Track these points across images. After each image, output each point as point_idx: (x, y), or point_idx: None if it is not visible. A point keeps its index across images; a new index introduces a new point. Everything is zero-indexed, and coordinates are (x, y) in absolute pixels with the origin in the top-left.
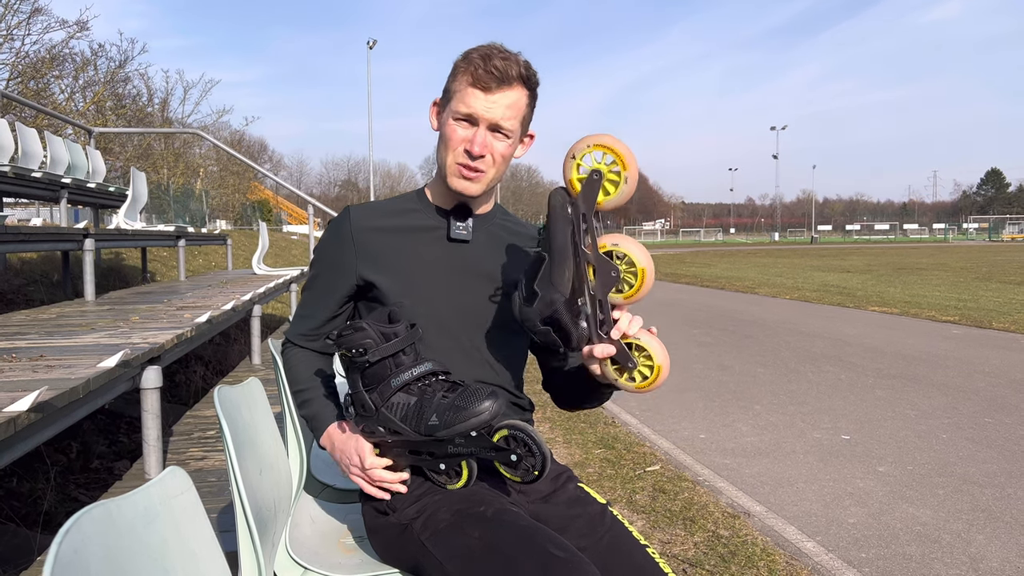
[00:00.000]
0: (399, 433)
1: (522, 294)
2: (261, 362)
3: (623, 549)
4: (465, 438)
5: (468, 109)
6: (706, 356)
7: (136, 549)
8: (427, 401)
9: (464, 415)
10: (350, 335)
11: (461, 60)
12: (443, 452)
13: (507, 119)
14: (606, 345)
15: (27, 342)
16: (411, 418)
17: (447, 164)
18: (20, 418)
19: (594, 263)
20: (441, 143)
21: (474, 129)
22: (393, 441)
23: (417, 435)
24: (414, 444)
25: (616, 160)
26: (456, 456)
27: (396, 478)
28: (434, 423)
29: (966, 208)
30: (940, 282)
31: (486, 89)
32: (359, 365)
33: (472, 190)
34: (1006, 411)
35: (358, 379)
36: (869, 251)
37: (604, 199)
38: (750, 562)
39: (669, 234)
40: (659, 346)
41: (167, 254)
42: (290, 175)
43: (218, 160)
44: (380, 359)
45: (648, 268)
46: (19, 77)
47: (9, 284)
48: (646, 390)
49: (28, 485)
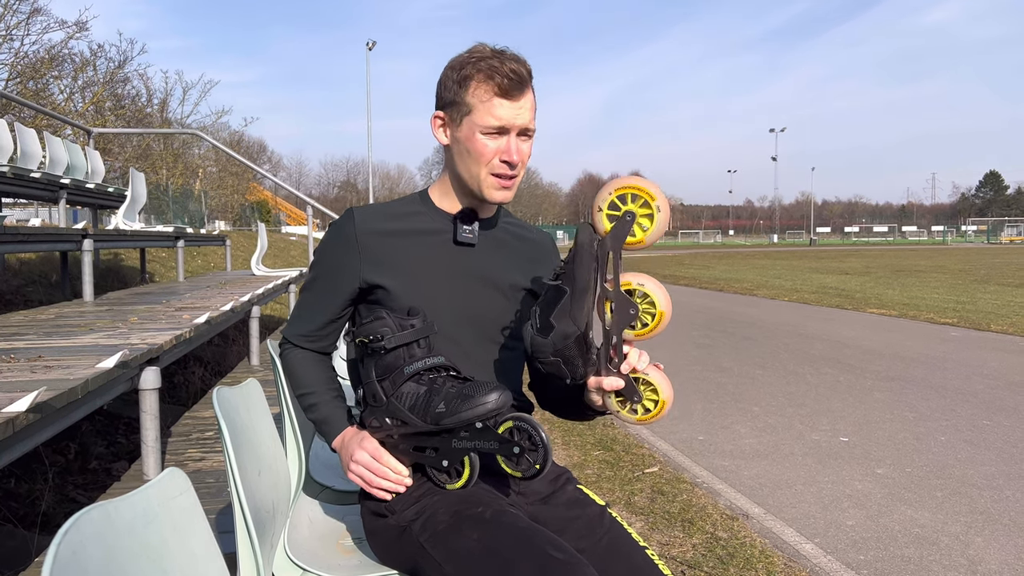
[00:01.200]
0: (406, 424)
1: (536, 324)
2: (260, 363)
3: (622, 551)
4: (470, 430)
5: (500, 121)
6: (705, 358)
7: (135, 550)
8: (436, 391)
9: (471, 403)
10: (369, 323)
11: (472, 69)
12: (447, 447)
13: (531, 120)
14: (615, 379)
15: (25, 343)
16: (419, 407)
17: (480, 178)
18: (18, 419)
19: (614, 300)
20: (468, 158)
21: (505, 138)
22: (399, 437)
23: (423, 424)
24: (419, 439)
25: (643, 197)
26: (460, 451)
27: (401, 472)
28: (441, 410)
29: (965, 210)
30: (938, 284)
31: (512, 97)
32: (375, 353)
33: (510, 198)
34: (1004, 413)
35: (372, 368)
36: (868, 253)
37: (643, 235)
38: (749, 564)
39: (668, 236)
40: (665, 382)
41: (166, 255)
42: (289, 176)
43: (217, 161)
44: (396, 347)
45: (667, 312)
46: (18, 77)
47: (8, 285)
48: (647, 423)
49: (26, 486)
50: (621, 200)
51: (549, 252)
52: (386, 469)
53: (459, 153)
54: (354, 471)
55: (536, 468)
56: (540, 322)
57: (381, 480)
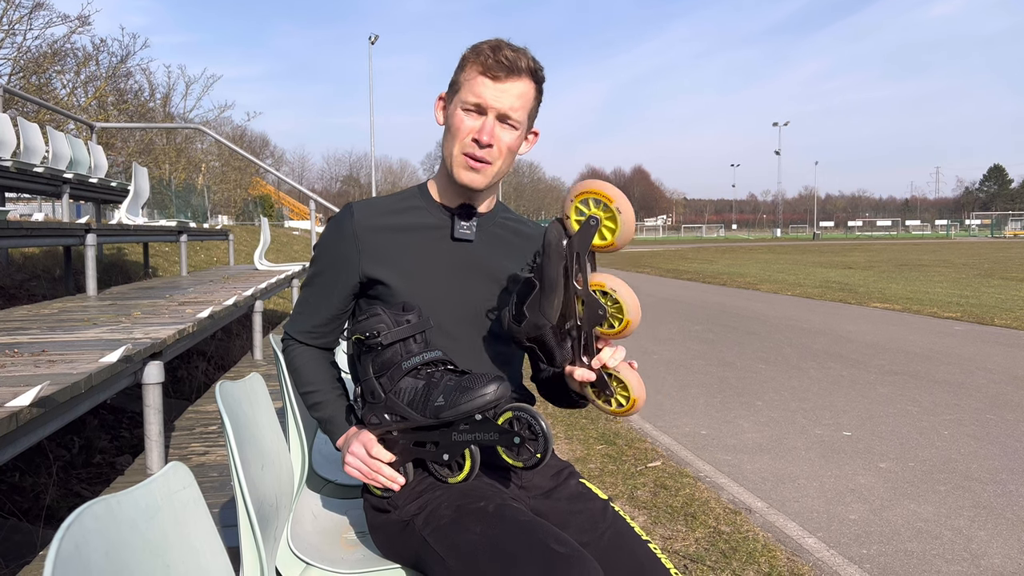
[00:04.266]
0: (405, 419)
1: (512, 311)
2: (263, 357)
3: (624, 545)
4: (470, 422)
5: (477, 98)
6: (708, 352)
7: (137, 544)
8: (434, 385)
9: (470, 395)
10: (364, 320)
11: (470, 51)
12: (448, 441)
13: (515, 109)
14: (586, 371)
15: (29, 337)
16: (418, 402)
17: (453, 155)
18: (22, 413)
19: (584, 298)
20: (448, 134)
21: (482, 119)
22: (398, 433)
23: (423, 418)
24: (419, 434)
25: (603, 200)
26: (460, 444)
27: (394, 476)
28: (440, 404)
29: (969, 204)
30: (942, 278)
31: (496, 78)
32: (372, 350)
33: (478, 182)
34: (1008, 408)
35: (369, 365)
36: (871, 247)
37: (613, 238)
38: (751, 558)
39: (671, 230)
40: (637, 381)
41: (169, 249)
42: (292, 171)
43: (220, 155)
44: (392, 343)
45: (633, 321)
46: (21, 72)
47: (11, 279)
48: (620, 416)
49: (30, 480)
50: (584, 204)
51: None
52: (377, 462)
53: (445, 132)
54: (350, 463)
55: (537, 457)
56: (515, 311)
57: (375, 473)
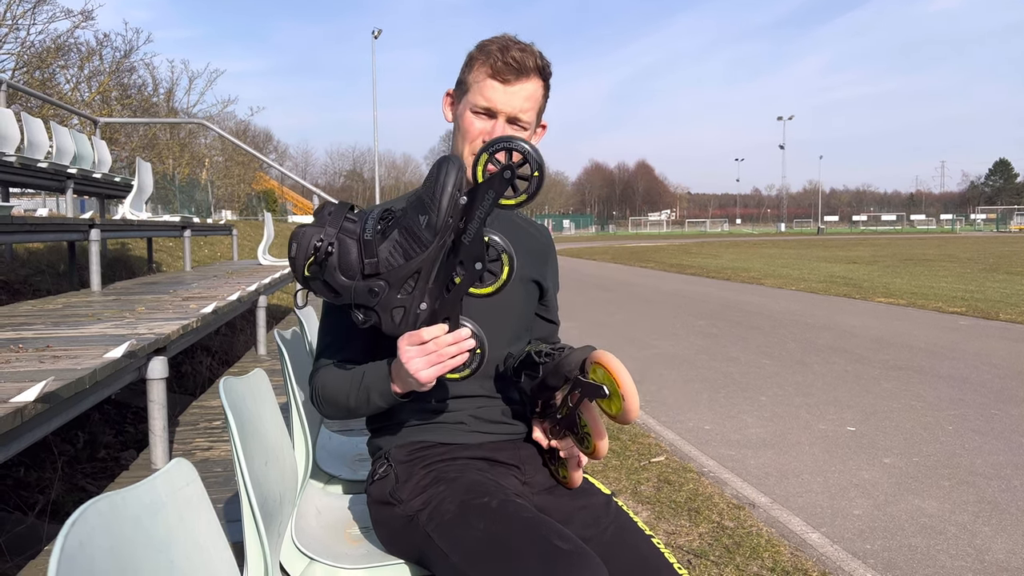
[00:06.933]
0: (418, 273)
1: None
2: (267, 353)
3: (628, 540)
4: (464, 213)
5: (487, 102)
6: (712, 347)
7: (141, 540)
8: (401, 222)
9: (437, 183)
10: (295, 248)
11: (477, 51)
12: (467, 250)
13: (525, 111)
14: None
15: (33, 332)
16: (407, 246)
17: (464, 156)
18: (27, 408)
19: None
20: (458, 134)
21: (492, 121)
22: (427, 295)
23: (427, 251)
24: (439, 274)
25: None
26: (477, 238)
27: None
28: (425, 221)
29: (974, 199)
30: (947, 273)
31: (505, 81)
32: (330, 265)
33: None
34: (1013, 403)
35: (337, 275)
36: (876, 242)
37: (615, 413)
38: (755, 553)
39: (675, 224)
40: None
41: (173, 244)
42: (295, 165)
43: (223, 150)
44: (335, 240)
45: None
46: (24, 67)
47: (15, 274)
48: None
49: (36, 475)
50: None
51: (547, 246)
52: (432, 342)
53: (455, 131)
54: (417, 369)
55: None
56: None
57: (444, 352)
